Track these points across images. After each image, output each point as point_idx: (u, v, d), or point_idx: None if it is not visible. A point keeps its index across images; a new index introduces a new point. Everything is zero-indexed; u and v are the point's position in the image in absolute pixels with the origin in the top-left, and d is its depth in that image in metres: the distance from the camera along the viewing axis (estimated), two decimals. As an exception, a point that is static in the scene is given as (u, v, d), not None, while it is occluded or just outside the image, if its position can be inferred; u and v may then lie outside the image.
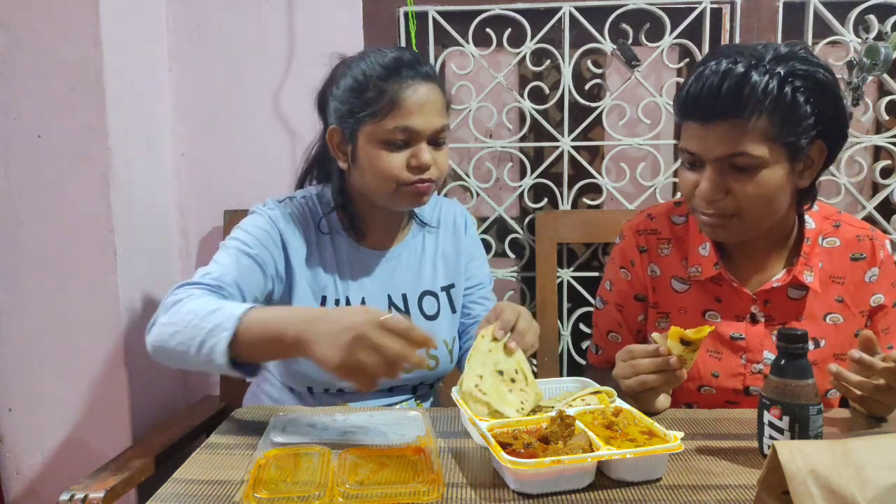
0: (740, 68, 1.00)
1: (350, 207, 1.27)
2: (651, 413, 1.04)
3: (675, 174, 1.10)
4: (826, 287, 1.15)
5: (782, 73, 1.00)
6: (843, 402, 1.15)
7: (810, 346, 1.12)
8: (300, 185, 1.38)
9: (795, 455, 0.65)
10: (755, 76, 0.99)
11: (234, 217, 1.75)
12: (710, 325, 1.07)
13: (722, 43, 1.77)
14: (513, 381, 0.99)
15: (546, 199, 1.87)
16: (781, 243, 1.18)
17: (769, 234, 1.15)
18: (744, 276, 1.18)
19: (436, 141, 1.19)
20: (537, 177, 1.85)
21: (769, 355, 1.15)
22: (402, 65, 1.16)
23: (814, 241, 1.16)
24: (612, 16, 1.76)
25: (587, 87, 1.82)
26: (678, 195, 1.78)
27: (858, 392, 0.98)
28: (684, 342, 0.99)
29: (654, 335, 1.03)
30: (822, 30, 1.76)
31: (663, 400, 1.08)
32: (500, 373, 1.00)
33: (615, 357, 1.08)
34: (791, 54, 1.02)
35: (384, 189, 1.18)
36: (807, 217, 1.17)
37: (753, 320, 1.17)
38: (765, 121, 1.00)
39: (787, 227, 1.17)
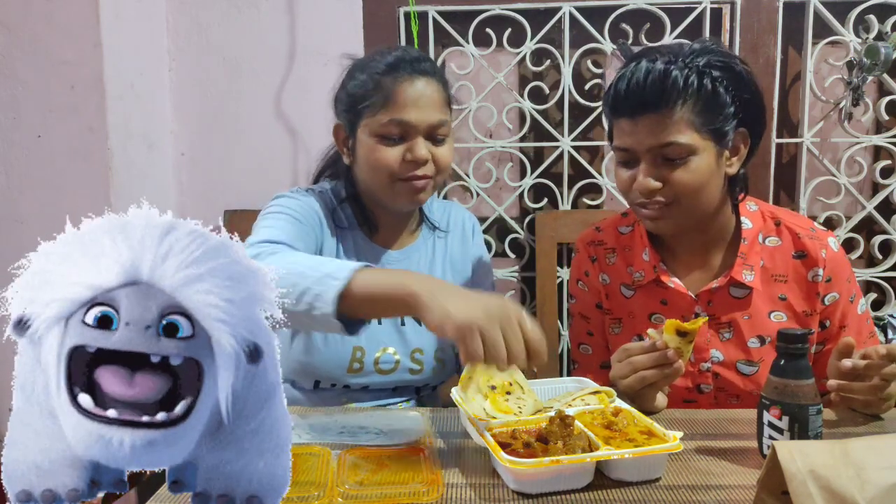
0: (660, 65, 1.05)
1: (360, 200, 1.27)
2: (650, 412, 1.04)
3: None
4: (768, 285, 1.16)
5: (700, 64, 1.06)
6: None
7: (757, 343, 1.16)
8: (314, 182, 1.38)
9: (795, 455, 0.65)
10: (675, 71, 1.05)
11: (233, 217, 1.75)
12: (702, 317, 1.09)
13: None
14: (508, 393, 0.99)
15: (546, 199, 1.87)
16: (720, 243, 1.19)
17: (707, 230, 1.17)
18: (685, 277, 1.20)
19: (434, 136, 1.18)
20: (537, 177, 1.85)
21: (716, 353, 1.17)
22: (401, 61, 1.17)
23: (752, 240, 1.17)
24: (612, 16, 1.76)
25: (587, 87, 1.82)
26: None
27: (863, 398, 1.00)
28: (680, 333, 0.99)
29: (650, 331, 1.03)
30: (822, 30, 1.76)
31: (661, 399, 1.08)
32: (493, 388, 1.00)
33: (611, 360, 1.08)
34: (706, 49, 1.08)
35: (380, 182, 1.18)
36: (743, 218, 1.18)
37: None
38: (688, 110, 1.05)
39: (724, 226, 1.19)
